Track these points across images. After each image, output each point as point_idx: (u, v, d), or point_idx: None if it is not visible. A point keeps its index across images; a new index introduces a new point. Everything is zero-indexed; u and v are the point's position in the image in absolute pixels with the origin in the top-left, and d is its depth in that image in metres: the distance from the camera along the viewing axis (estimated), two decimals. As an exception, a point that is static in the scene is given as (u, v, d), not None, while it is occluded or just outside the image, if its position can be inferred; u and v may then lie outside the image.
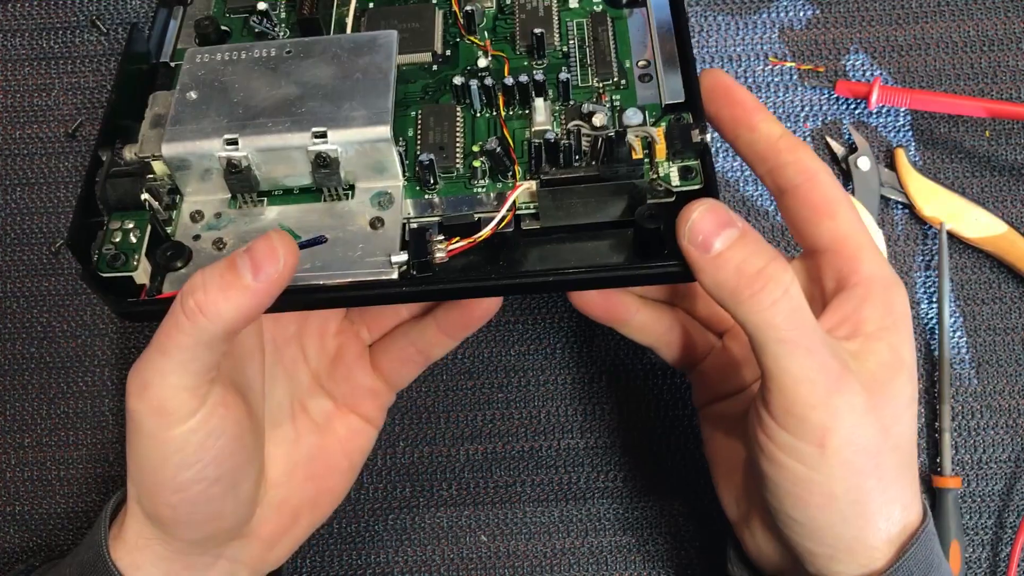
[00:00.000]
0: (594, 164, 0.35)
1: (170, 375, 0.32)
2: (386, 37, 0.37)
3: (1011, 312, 0.50)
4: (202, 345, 0.31)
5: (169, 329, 0.31)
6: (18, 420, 0.50)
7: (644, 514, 0.48)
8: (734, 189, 0.51)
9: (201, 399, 0.33)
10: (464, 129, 0.38)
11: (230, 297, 0.31)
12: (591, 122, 0.35)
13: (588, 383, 0.50)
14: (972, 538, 0.48)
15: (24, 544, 0.49)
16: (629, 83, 0.39)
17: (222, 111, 0.35)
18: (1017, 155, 0.51)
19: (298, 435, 0.41)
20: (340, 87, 0.35)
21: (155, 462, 0.33)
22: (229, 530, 0.37)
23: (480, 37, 0.41)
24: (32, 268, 0.52)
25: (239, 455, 0.35)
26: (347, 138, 0.34)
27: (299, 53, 0.36)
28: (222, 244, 0.36)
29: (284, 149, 0.35)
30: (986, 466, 0.48)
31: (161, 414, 0.32)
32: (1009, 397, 0.49)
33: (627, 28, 0.40)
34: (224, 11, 0.43)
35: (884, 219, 0.50)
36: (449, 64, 0.40)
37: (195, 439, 0.33)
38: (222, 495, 0.35)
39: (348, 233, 0.35)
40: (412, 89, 0.40)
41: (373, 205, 0.36)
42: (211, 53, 0.37)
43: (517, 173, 0.36)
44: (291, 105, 0.35)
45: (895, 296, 0.35)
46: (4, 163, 0.53)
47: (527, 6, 0.41)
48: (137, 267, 0.35)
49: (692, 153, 0.36)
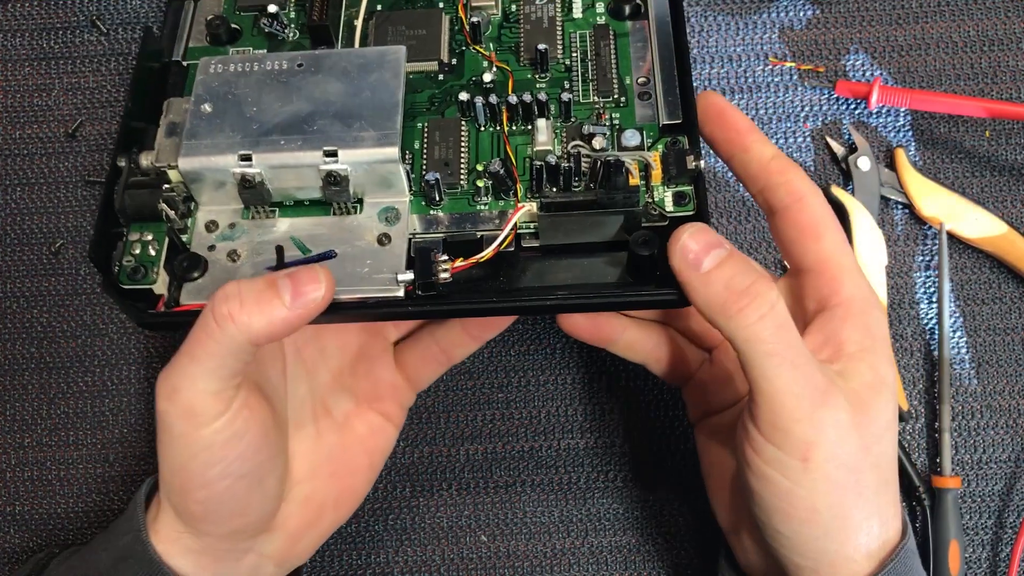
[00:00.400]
0: (592, 187, 0.36)
1: (199, 380, 0.33)
2: (395, 53, 0.37)
3: (1011, 312, 0.50)
4: (230, 353, 0.33)
5: (199, 335, 0.33)
6: (18, 420, 0.50)
7: (644, 514, 0.48)
8: (734, 190, 0.51)
9: (227, 402, 0.34)
10: (469, 145, 0.39)
11: (264, 313, 0.32)
12: (591, 144, 0.37)
13: (588, 383, 0.50)
14: (972, 538, 0.48)
15: (24, 544, 0.49)
16: (628, 100, 0.40)
17: (236, 126, 0.36)
18: (1017, 155, 0.51)
19: (319, 433, 0.42)
20: (350, 104, 0.36)
21: (184, 460, 0.35)
22: (255, 524, 0.38)
23: (485, 46, 0.42)
24: (32, 268, 0.52)
25: (263, 453, 0.37)
26: (357, 158, 0.35)
27: (310, 67, 0.37)
28: (236, 255, 0.37)
29: (296, 167, 0.36)
30: (986, 466, 0.48)
31: (189, 416, 0.34)
32: (1009, 397, 0.49)
33: (628, 43, 0.41)
34: (234, 8, 0.43)
35: (884, 219, 0.50)
36: (455, 74, 0.41)
37: (221, 439, 0.34)
38: (247, 491, 0.36)
39: (356, 248, 0.36)
40: (419, 99, 0.41)
41: (381, 220, 0.37)
42: (224, 63, 0.37)
43: (519, 192, 0.37)
44: (303, 122, 0.36)
45: (874, 318, 0.36)
46: (4, 163, 0.53)
47: (532, 16, 0.42)
48: (156, 280, 0.36)
49: (686, 179, 0.37)
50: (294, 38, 0.42)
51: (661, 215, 0.37)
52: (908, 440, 0.49)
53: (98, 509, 0.49)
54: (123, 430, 0.50)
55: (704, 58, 0.52)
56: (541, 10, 0.42)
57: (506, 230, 0.36)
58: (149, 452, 0.50)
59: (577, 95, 0.40)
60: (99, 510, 0.49)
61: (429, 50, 0.41)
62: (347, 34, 0.43)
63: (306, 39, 0.42)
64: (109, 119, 0.53)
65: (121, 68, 0.53)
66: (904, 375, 0.49)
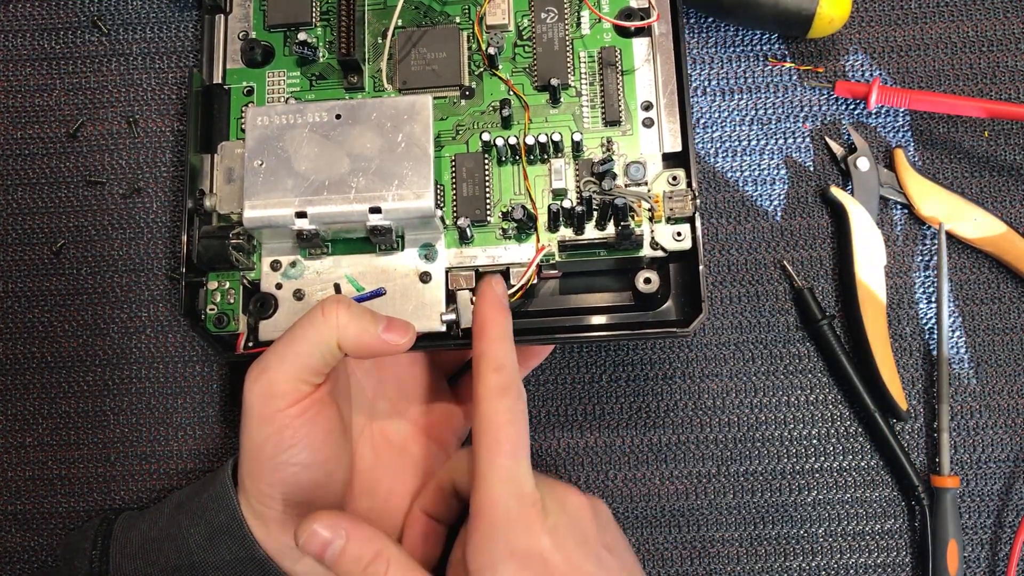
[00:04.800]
0: (603, 223, 0.43)
1: (287, 362, 0.38)
2: (423, 104, 0.42)
3: (1010, 312, 0.50)
4: (322, 344, 0.38)
5: (303, 324, 0.38)
6: (19, 419, 0.51)
7: (644, 514, 0.48)
8: (734, 190, 0.51)
9: (304, 394, 0.38)
10: (492, 179, 0.44)
11: (359, 327, 0.38)
12: (601, 184, 0.42)
13: (588, 383, 0.50)
14: (971, 537, 0.48)
15: (25, 543, 0.50)
16: (633, 129, 0.45)
17: (288, 183, 0.41)
18: (1016, 155, 0.51)
19: (378, 455, 0.45)
20: (387, 160, 0.41)
21: (260, 441, 0.38)
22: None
23: (503, 70, 0.46)
24: (33, 268, 0.52)
25: (328, 449, 0.40)
26: (397, 214, 0.41)
27: (347, 119, 0.42)
28: (301, 294, 0.43)
29: (345, 221, 0.41)
30: (985, 466, 0.48)
31: (269, 396, 0.38)
32: (1008, 397, 0.49)
33: (633, 64, 0.45)
34: (264, 26, 0.47)
35: (883, 219, 0.50)
36: (475, 98, 0.46)
37: (294, 424, 0.38)
38: (312, 483, 0.39)
39: (401, 286, 0.43)
40: (445, 127, 0.45)
41: (420, 257, 0.43)
42: (268, 115, 0.42)
43: (539, 230, 0.43)
44: (347, 178, 0.41)
45: (497, 543, 0.36)
46: (5, 163, 0.53)
47: (543, 37, 0.45)
48: (238, 326, 0.44)
49: (684, 219, 0.43)
50: (324, 59, 0.47)
51: (662, 248, 0.43)
52: (907, 440, 0.49)
53: (99, 508, 0.50)
54: (124, 429, 0.50)
55: (704, 58, 0.52)
56: (551, 30, 0.45)
57: (529, 271, 0.42)
58: (150, 452, 0.50)
59: (587, 121, 0.45)
60: (100, 509, 0.50)
61: (450, 76, 0.46)
62: (372, 55, 0.47)
63: (334, 58, 0.46)
64: (110, 119, 0.53)
65: (122, 68, 0.53)
66: (903, 375, 0.49)
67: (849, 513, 0.48)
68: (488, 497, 0.36)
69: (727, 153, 0.51)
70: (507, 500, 0.36)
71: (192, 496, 0.42)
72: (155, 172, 0.52)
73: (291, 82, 0.47)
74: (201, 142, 0.46)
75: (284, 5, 0.47)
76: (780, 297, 0.50)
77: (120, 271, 0.51)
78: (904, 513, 0.48)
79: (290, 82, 0.47)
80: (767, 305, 0.50)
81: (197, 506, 0.41)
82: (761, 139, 0.51)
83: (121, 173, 0.52)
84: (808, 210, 0.51)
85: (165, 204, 0.52)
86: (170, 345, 0.51)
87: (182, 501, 0.42)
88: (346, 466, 0.42)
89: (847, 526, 0.48)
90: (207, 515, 0.41)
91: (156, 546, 0.41)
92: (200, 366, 0.50)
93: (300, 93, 0.46)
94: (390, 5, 0.47)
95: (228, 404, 0.50)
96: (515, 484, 0.37)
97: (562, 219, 0.43)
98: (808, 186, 0.51)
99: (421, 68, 0.45)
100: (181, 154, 0.52)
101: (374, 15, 0.47)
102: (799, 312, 0.50)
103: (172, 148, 0.52)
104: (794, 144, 0.51)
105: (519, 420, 0.38)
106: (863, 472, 0.48)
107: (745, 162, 0.51)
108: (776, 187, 0.51)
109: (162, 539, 0.41)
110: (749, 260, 0.50)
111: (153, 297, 0.51)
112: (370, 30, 0.47)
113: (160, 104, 0.53)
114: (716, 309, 0.50)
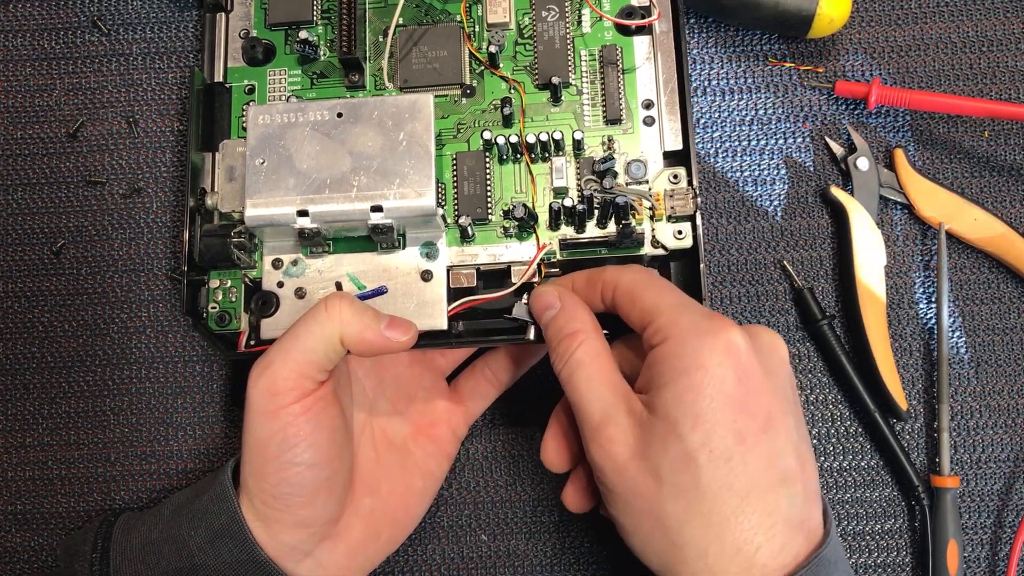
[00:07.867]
0: (604, 221, 0.43)
1: (291, 359, 0.38)
2: (424, 103, 0.41)
3: (1010, 312, 0.50)
4: (325, 340, 0.38)
5: (306, 319, 0.39)
6: (19, 419, 0.50)
7: (644, 513, 0.48)
8: (734, 189, 0.51)
9: (308, 391, 0.39)
10: (493, 178, 0.44)
11: (362, 323, 0.38)
12: (602, 183, 0.42)
13: (588, 383, 0.50)
14: (971, 537, 0.48)
15: (26, 543, 0.50)
16: (634, 127, 0.45)
17: (290, 181, 0.41)
18: (1016, 155, 0.51)
19: (379, 454, 0.45)
20: (389, 158, 0.41)
21: (263, 439, 0.38)
22: (321, 519, 0.40)
23: (504, 67, 0.46)
24: (33, 268, 0.52)
25: (331, 449, 0.40)
26: (399, 212, 0.41)
27: (349, 117, 0.41)
28: (303, 293, 0.43)
29: (346, 220, 0.41)
30: (985, 466, 0.48)
31: (273, 393, 0.38)
32: (1008, 397, 0.49)
33: (634, 62, 0.45)
34: (265, 24, 0.47)
35: (883, 219, 0.50)
36: (475, 97, 0.46)
37: (296, 421, 0.38)
38: (315, 483, 0.39)
39: (403, 284, 0.43)
40: (446, 125, 0.45)
41: (422, 256, 0.43)
42: (270, 114, 0.42)
43: (539, 229, 0.43)
44: (349, 176, 0.41)
45: (689, 347, 0.36)
46: (5, 163, 0.53)
47: (544, 35, 0.46)
48: (240, 324, 0.44)
49: (684, 217, 0.43)
50: (325, 57, 0.47)
51: (663, 246, 0.43)
52: (907, 440, 0.49)
53: (99, 508, 0.50)
54: (124, 429, 0.50)
55: (704, 59, 0.52)
56: (552, 28, 0.45)
57: (531, 268, 0.43)
58: (150, 452, 0.50)
59: (588, 119, 0.45)
60: (100, 509, 0.50)
61: (451, 75, 0.46)
62: (373, 54, 0.46)
63: (335, 57, 0.46)
64: (110, 119, 0.53)
65: (122, 68, 0.53)
66: (903, 375, 0.49)
67: (849, 513, 0.48)
68: (672, 319, 0.37)
69: (727, 153, 0.51)
70: (694, 314, 0.37)
71: (192, 498, 0.42)
72: (155, 172, 0.52)
73: (292, 80, 0.47)
74: (202, 140, 0.46)
75: (285, 3, 0.47)
76: (780, 297, 0.50)
77: (120, 271, 0.51)
78: (904, 513, 0.48)
79: (291, 80, 0.47)
80: (767, 305, 0.50)
81: (197, 508, 0.41)
82: (761, 139, 0.51)
83: (121, 173, 0.52)
84: (808, 210, 0.51)
85: (165, 204, 0.52)
86: (170, 345, 0.51)
87: (182, 503, 0.42)
88: (348, 466, 0.42)
89: (847, 526, 0.48)
90: (208, 517, 0.41)
91: (156, 549, 0.41)
92: (200, 366, 0.50)
93: (301, 91, 0.46)
94: (391, 3, 0.47)
95: (228, 404, 0.50)
96: (695, 306, 0.38)
97: (563, 217, 0.43)
98: (808, 186, 0.51)
99: (422, 66, 0.46)
100: (181, 154, 0.52)
101: (375, 13, 0.47)
102: (799, 312, 0.50)
103: (172, 148, 0.52)
104: (794, 144, 0.51)
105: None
106: (863, 472, 0.48)
107: (745, 162, 0.51)
108: (776, 187, 0.51)
109: (162, 542, 0.41)
110: (749, 260, 0.50)
111: (153, 297, 0.51)
112: (371, 28, 0.47)
113: (160, 104, 0.53)
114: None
